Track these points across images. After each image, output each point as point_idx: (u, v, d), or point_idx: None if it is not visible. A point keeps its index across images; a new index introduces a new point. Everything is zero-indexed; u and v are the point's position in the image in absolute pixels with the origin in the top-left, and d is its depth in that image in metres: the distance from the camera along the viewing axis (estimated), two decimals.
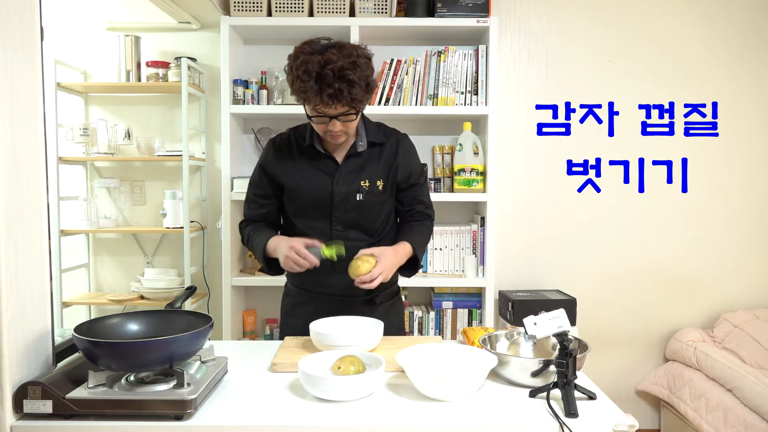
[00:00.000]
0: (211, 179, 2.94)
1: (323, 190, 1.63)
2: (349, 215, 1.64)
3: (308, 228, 1.66)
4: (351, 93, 1.46)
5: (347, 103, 1.47)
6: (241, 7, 2.58)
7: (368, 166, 1.65)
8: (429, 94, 2.65)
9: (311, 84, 1.44)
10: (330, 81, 1.43)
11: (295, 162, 1.66)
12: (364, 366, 1.21)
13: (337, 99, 1.45)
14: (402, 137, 1.72)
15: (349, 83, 1.45)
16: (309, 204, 1.65)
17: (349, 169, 1.64)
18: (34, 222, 1.15)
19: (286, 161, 1.67)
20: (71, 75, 2.82)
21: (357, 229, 1.66)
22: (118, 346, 1.11)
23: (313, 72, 1.44)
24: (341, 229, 1.65)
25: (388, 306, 1.74)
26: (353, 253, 1.56)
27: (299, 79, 1.46)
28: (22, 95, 1.12)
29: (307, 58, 1.45)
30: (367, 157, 1.65)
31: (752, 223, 2.98)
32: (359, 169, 1.65)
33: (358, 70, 1.47)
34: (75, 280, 2.88)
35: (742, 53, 2.92)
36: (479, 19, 2.58)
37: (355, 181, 1.63)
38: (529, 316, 1.25)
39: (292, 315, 1.75)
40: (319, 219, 1.65)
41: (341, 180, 1.63)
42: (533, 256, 2.96)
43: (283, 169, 1.67)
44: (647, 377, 2.96)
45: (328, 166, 1.65)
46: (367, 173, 1.64)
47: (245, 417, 1.10)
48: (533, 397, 1.17)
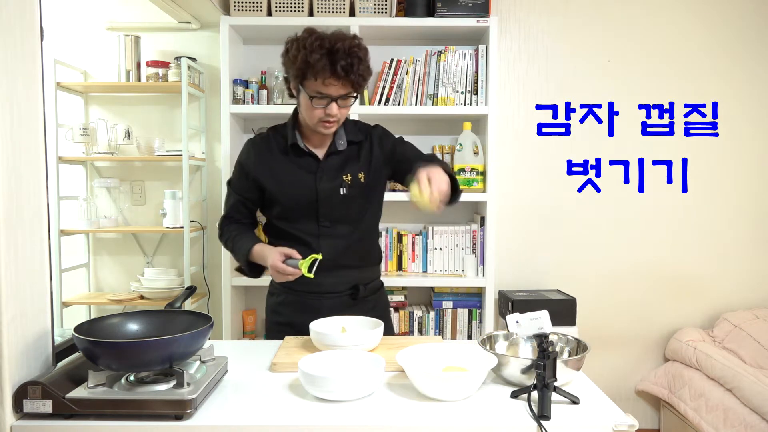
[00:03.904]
0: (211, 179, 2.94)
1: (307, 188, 1.64)
2: (335, 211, 1.66)
3: (294, 229, 1.67)
4: (360, 68, 1.52)
5: (354, 80, 1.52)
6: (241, 6, 2.58)
7: (349, 162, 1.68)
8: (429, 94, 2.65)
9: (323, 59, 1.48)
10: (342, 56, 1.49)
11: (276, 163, 1.67)
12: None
13: (347, 73, 1.50)
14: (373, 129, 1.75)
15: (359, 59, 1.52)
16: (294, 204, 1.66)
17: (330, 166, 1.66)
18: (34, 222, 1.15)
19: (267, 162, 1.68)
20: (71, 75, 2.82)
21: (344, 223, 1.67)
22: (118, 346, 1.11)
23: (326, 47, 1.49)
24: (329, 225, 1.66)
25: (373, 301, 1.76)
26: (339, 249, 1.64)
27: (312, 53, 1.48)
28: (22, 95, 1.12)
29: (319, 35, 1.51)
30: (347, 154, 1.68)
31: (752, 223, 2.98)
32: (340, 165, 1.67)
33: (362, 50, 1.55)
34: (75, 280, 2.88)
35: (742, 53, 2.92)
36: (479, 19, 2.57)
37: (338, 176, 1.65)
38: (513, 314, 1.24)
39: (277, 313, 1.76)
40: (305, 218, 1.66)
41: (324, 177, 1.65)
42: (533, 256, 2.96)
43: (264, 171, 1.67)
44: (647, 377, 2.96)
45: (310, 164, 1.66)
46: (349, 168, 1.67)
47: (245, 417, 1.10)
48: (515, 397, 1.17)
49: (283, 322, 1.72)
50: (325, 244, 1.65)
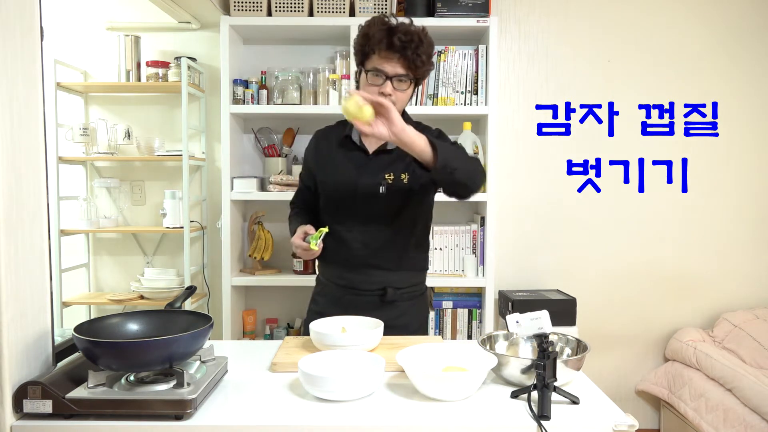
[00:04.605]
0: (211, 179, 2.94)
1: (349, 182, 1.66)
2: (372, 209, 1.65)
3: (334, 222, 1.68)
4: (418, 50, 1.53)
5: (410, 59, 1.53)
6: (241, 6, 2.58)
7: (396, 162, 1.66)
8: (429, 94, 2.65)
9: (382, 32, 1.52)
10: (401, 33, 1.52)
11: (329, 153, 1.72)
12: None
13: (404, 49, 1.51)
14: (433, 132, 1.68)
15: (419, 41, 1.53)
16: (335, 195, 1.68)
17: (377, 163, 1.66)
18: (34, 222, 1.15)
19: (322, 153, 1.74)
20: (71, 75, 2.82)
21: (379, 222, 1.66)
22: (118, 346, 1.11)
23: (389, 25, 1.53)
24: (364, 222, 1.66)
25: (404, 307, 1.72)
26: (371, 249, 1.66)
27: (373, 27, 1.54)
28: (22, 95, 1.12)
29: (387, 20, 1.55)
30: (397, 154, 1.65)
31: (752, 223, 2.98)
32: (386, 164, 1.66)
33: (426, 38, 1.56)
34: (75, 280, 2.88)
35: (742, 53, 2.92)
36: (479, 19, 2.57)
37: (380, 174, 1.65)
38: (513, 314, 1.24)
39: (315, 301, 1.81)
40: (344, 213, 1.67)
41: (366, 172, 1.65)
42: (533, 256, 2.96)
43: (318, 160, 1.74)
44: (647, 377, 2.96)
45: (359, 158, 1.67)
46: (393, 167, 1.65)
47: (245, 417, 1.10)
48: (515, 397, 1.17)
49: (317, 311, 1.75)
50: (357, 240, 1.66)
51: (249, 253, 2.79)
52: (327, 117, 2.57)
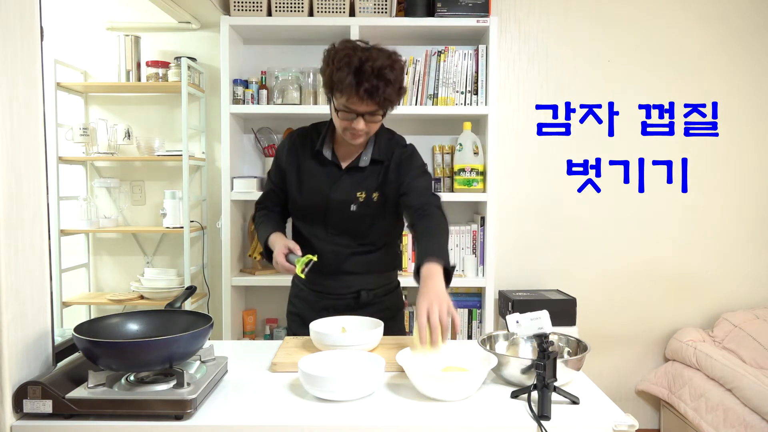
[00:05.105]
0: (211, 179, 2.94)
1: (321, 195, 1.65)
2: (344, 224, 1.66)
3: (305, 229, 1.71)
4: (386, 92, 1.47)
5: (380, 101, 1.49)
6: (241, 6, 2.58)
7: (368, 180, 1.66)
8: (429, 94, 2.65)
9: (350, 78, 1.45)
10: (368, 77, 1.45)
11: (303, 162, 1.70)
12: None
13: (371, 96, 1.46)
14: (401, 150, 1.68)
15: (386, 82, 1.47)
16: (307, 205, 1.69)
17: (349, 180, 1.65)
18: (34, 222, 1.15)
19: (296, 159, 1.71)
20: (71, 75, 2.82)
21: (351, 235, 1.67)
22: (118, 346, 1.11)
23: (354, 65, 1.45)
24: (336, 233, 1.67)
25: (379, 304, 1.74)
26: (342, 257, 1.66)
27: (338, 71, 1.46)
28: (22, 95, 1.12)
29: (349, 52, 1.47)
30: (369, 171, 1.65)
31: (752, 223, 2.98)
32: (358, 181, 1.65)
33: (395, 71, 1.49)
34: (75, 280, 2.88)
35: (742, 53, 2.92)
36: (479, 19, 2.57)
37: (352, 192, 1.64)
38: (513, 314, 1.24)
39: (292, 303, 1.83)
40: (315, 222, 1.69)
41: (339, 189, 1.65)
42: (533, 256, 2.96)
43: (291, 166, 1.71)
44: (647, 377, 2.96)
45: (332, 172, 1.66)
46: (365, 185, 1.65)
47: (245, 417, 1.10)
48: (515, 397, 1.17)
49: (294, 312, 1.80)
50: (329, 250, 1.66)
51: (249, 253, 2.79)
52: (327, 117, 2.56)
